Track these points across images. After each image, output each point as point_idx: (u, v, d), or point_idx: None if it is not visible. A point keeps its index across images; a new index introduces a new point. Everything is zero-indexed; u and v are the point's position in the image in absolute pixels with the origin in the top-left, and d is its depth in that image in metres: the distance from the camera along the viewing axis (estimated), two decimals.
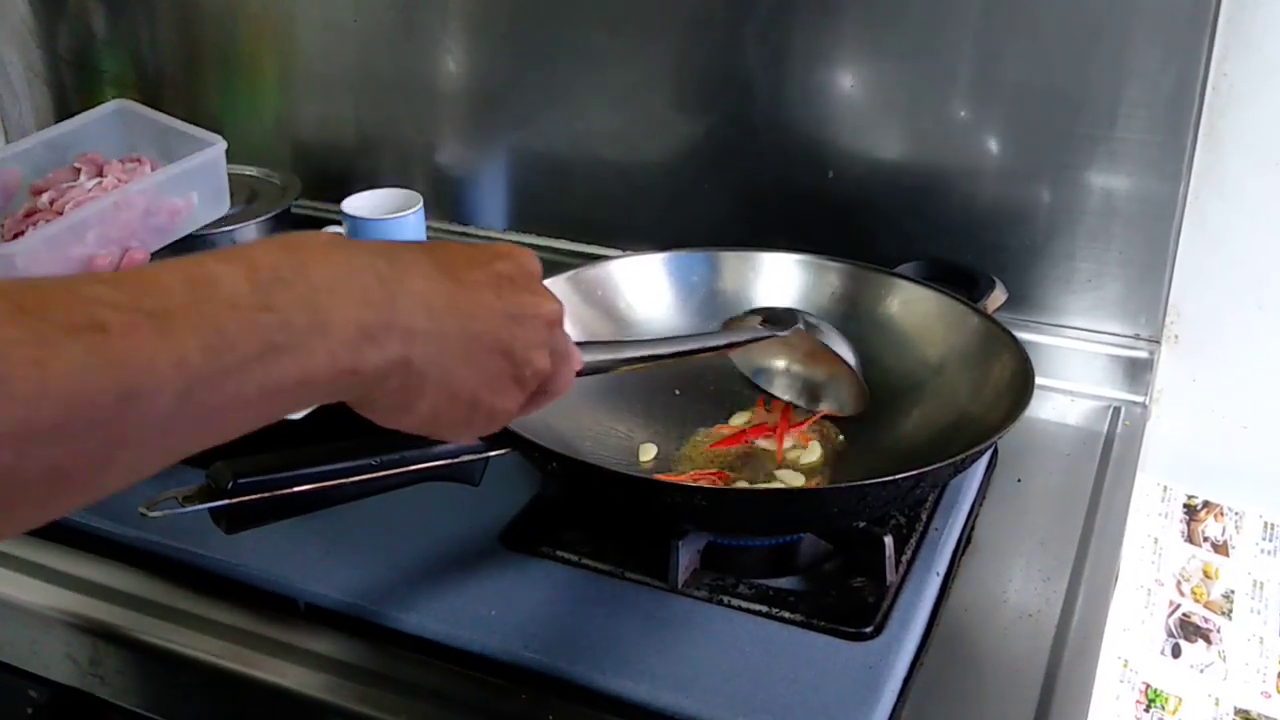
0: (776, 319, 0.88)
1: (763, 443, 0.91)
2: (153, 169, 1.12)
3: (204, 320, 0.41)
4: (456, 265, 0.53)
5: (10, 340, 0.36)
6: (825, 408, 0.93)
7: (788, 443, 0.90)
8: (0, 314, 0.37)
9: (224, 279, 0.43)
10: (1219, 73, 0.96)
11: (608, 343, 0.75)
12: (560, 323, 0.58)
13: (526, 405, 0.58)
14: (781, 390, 0.95)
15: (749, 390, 0.96)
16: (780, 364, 0.95)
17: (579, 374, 0.64)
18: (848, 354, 0.88)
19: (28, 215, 1.08)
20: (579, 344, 0.64)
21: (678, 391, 0.94)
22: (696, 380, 0.95)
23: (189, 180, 1.09)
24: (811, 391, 0.94)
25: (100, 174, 1.10)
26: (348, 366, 0.46)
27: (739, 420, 0.94)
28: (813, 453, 0.89)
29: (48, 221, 1.04)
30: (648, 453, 0.90)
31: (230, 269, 0.43)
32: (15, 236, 1.06)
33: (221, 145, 1.11)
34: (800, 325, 0.87)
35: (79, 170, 1.11)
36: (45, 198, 1.08)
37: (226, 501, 0.62)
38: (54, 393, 0.36)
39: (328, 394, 0.47)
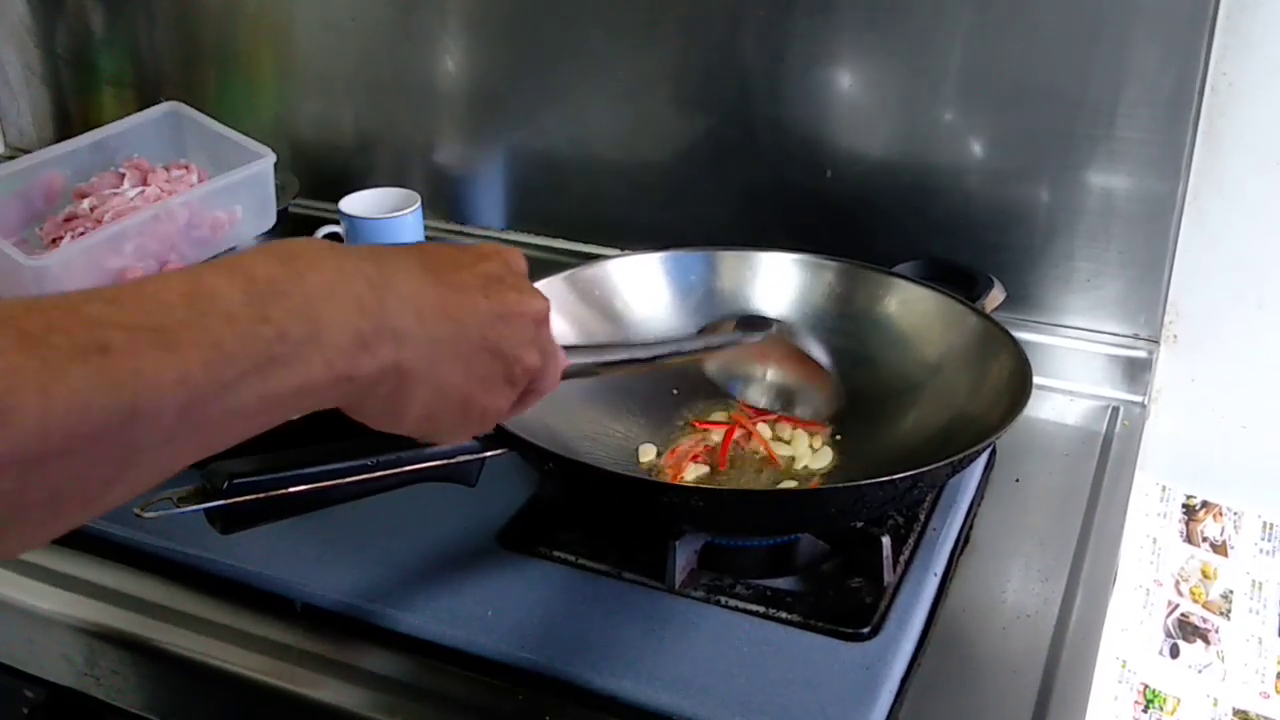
0: (751, 325, 0.90)
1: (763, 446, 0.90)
2: (200, 178, 1.09)
3: (204, 335, 0.41)
4: (444, 268, 0.54)
5: (15, 368, 0.36)
6: (800, 414, 0.92)
7: (798, 449, 0.89)
8: (4, 341, 0.37)
9: (222, 292, 0.43)
10: (1218, 72, 0.95)
11: (590, 346, 0.76)
12: (547, 320, 0.59)
13: (516, 404, 0.59)
14: (756, 398, 0.95)
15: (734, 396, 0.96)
16: (755, 372, 0.95)
17: (564, 376, 0.64)
18: (822, 356, 0.90)
19: (68, 220, 1.06)
20: (563, 347, 0.64)
21: (675, 391, 0.94)
22: (694, 381, 0.95)
23: (234, 193, 1.07)
24: (786, 398, 0.94)
25: (145, 182, 1.08)
26: (343, 374, 0.47)
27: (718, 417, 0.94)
28: (823, 458, 0.89)
29: (85, 231, 1.02)
30: (646, 454, 0.90)
31: (228, 282, 0.44)
32: (54, 241, 1.04)
33: (270, 158, 1.08)
34: (773, 330, 0.89)
35: (123, 176, 1.09)
36: (86, 203, 1.06)
37: (222, 502, 0.62)
38: (59, 418, 0.37)
39: (322, 401, 0.48)
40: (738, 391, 0.95)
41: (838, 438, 0.91)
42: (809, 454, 0.89)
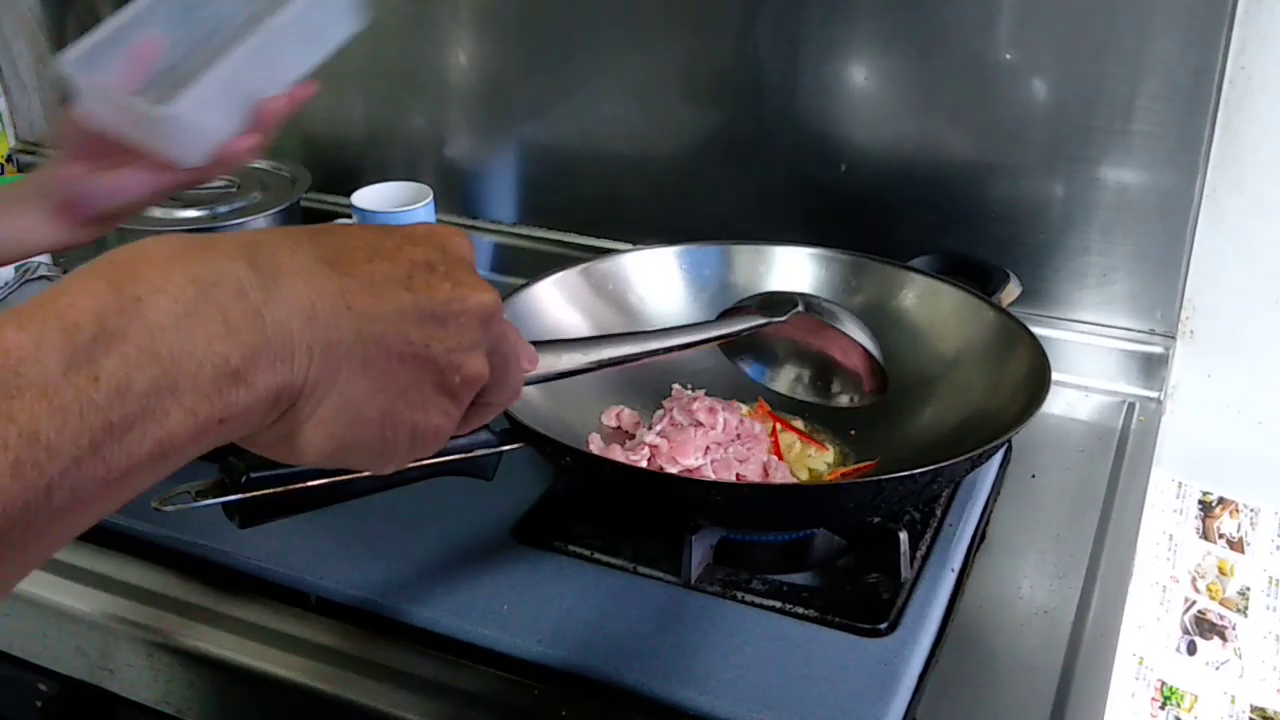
0: (773, 304, 0.80)
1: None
2: None
3: (8, 427, 0.32)
4: (352, 257, 0.42)
5: None
6: (840, 401, 0.87)
7: (799, 448, 0.89)
8: None
9: (29, 354, 0.33)
10: (1236, 66, 0.95)
11: (574, 341, 0.65)
12: (497, 317, 0.46)
13: (467, 417, 0.49)
14: (786, 386, 0.88)
15: (761, 385, 0.95)
16: (782, 356, 0.87)
17: (541, 379, 0.57)
18: (860, 335, 0.81)
19: None
20: (541, 343, 0.57)
21: (690, 386, 0.94)
22: (709, 374, 0.95)
23: None
24: (821, 384, 0.87)
25: None
26: (212, 418, 0.37)
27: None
28: (824, 459, 0.89)
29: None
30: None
31: (37, 337, 0.34)
32: None
33: None
34: (800, 308, 0.80)
35: None
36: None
37: (240, 496, 0.62)
38: None
39: (195, 451, 0.38)
40: (765, 379, 0.88)
41: (852, 433, 0.91)
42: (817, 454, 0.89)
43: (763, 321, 0.80)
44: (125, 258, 0.37)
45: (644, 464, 0.83)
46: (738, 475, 0.82)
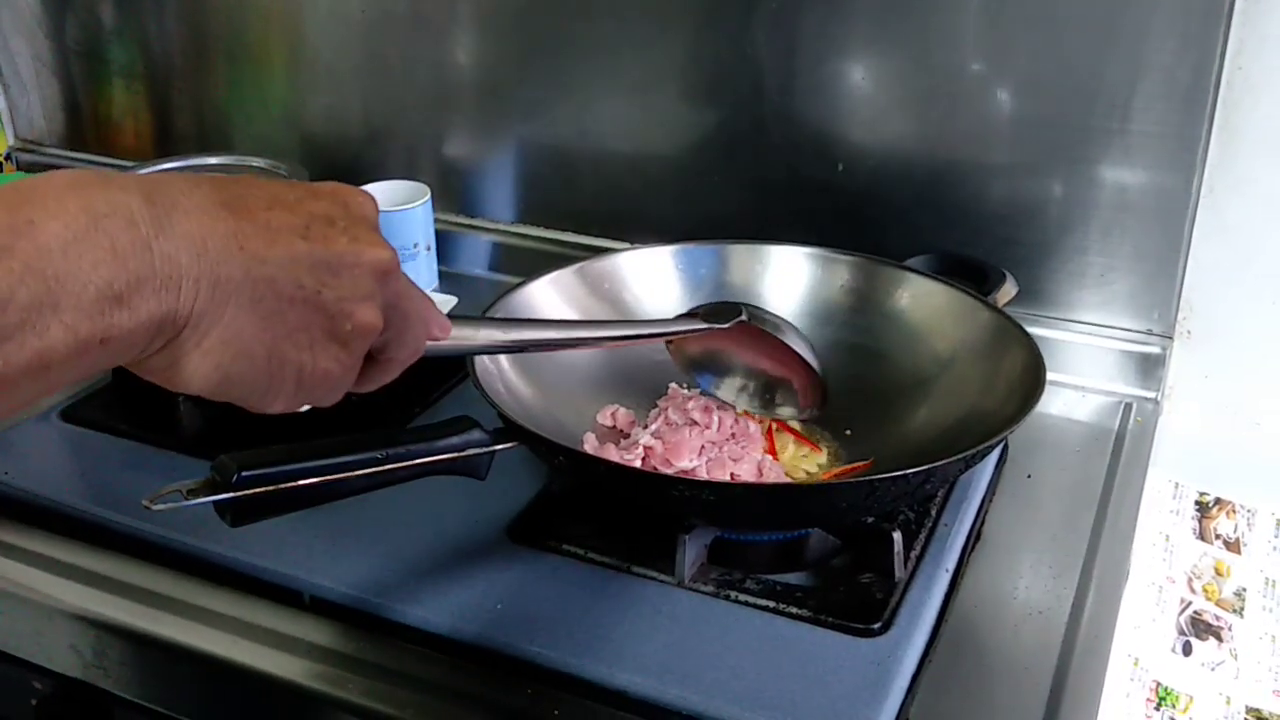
0: (718, 313, 0.81)
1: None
2: None
3: None
4: (250, 204, 0.45)
5: None
6: (781, 414, 0.88)
7: (792, 449, 0.89)
8: None
9: None
10: (1234, 66, 0.95)
11: (497, 320, 0.66)
12: (394, 273, 0.49)
13: (368, 372, 0.52)
14: (732, 396, 0.89)
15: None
16: (727, 364, 0.88)
17: (455, 352, 0.58)
18: (801, 347, 0.82)
19: None
20: (461, 318, 0.59)
21: (686, 386, 0.94)
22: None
23: None
24: (767, 395, 0.88)
25: None
26: (93, 337, 0.40)
27: None
28: (818, 459, 0.89)
29: None
30: None
31: None
32: None
33: None
34: (743, 317, 0.80)
35: None
36: None
37: (231, 494, 0.62)
38: None
39: (78, 369, 0.41)
40: (709, 386, 0.89)
41: (847, 433, 0.91)
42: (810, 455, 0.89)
43: (702, 327, 0.80)
44: (26, 185, 0.40)
45: (638, 464, 0.83)
46: (732, 474, 0.82)
